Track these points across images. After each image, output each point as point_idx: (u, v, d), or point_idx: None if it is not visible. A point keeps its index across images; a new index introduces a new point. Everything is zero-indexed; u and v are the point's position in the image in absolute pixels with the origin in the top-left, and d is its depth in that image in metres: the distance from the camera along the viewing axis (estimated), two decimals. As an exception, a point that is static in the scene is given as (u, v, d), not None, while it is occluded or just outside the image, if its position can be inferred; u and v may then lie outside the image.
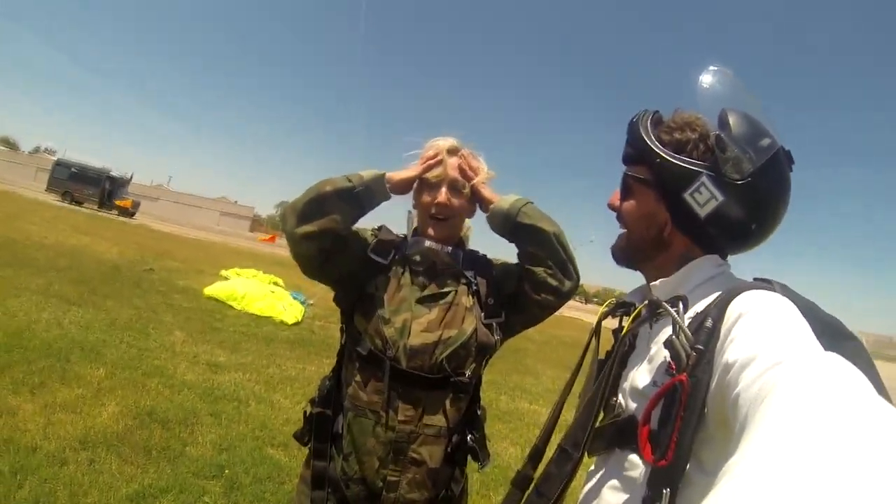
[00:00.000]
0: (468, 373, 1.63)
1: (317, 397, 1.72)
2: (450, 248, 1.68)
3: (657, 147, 1.08)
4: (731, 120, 1.03)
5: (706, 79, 1.11)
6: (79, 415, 3.87)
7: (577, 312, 41.52)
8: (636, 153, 1.13)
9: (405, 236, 1.78)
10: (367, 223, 1.70)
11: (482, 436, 1.75)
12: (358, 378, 1.61)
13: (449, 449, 1.62)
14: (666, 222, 1.09)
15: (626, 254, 1.20)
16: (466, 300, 1.66)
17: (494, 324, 1.66)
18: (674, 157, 1.05)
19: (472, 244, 1.87)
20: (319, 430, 1.67)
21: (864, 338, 0.96)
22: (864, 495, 0.35)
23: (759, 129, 1.02)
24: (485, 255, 1.81)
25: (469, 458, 1.71)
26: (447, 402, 1.60)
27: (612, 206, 1.21)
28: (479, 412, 1.75)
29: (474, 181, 1.67)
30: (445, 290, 1.65)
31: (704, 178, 1.01)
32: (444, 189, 1.63)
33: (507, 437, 5.80)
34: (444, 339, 1.58)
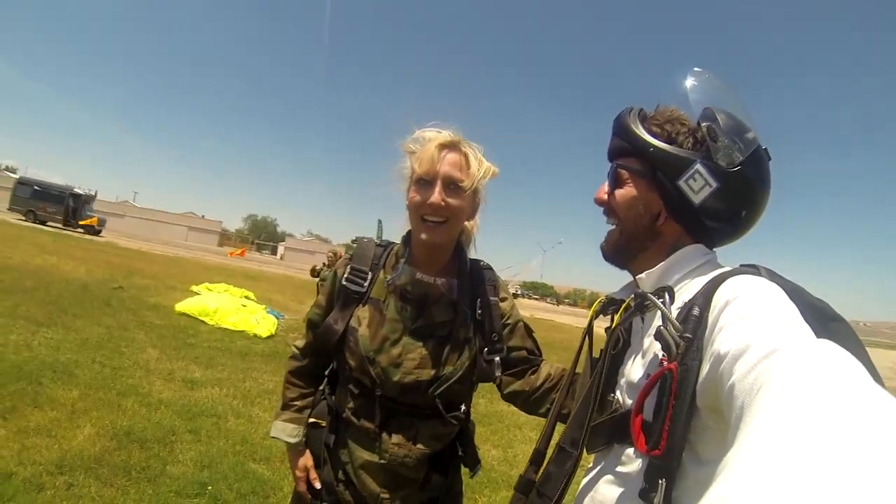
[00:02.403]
0: (463, 407, 1.59)
1: (312, 407, 1.72)
2: (443, 280, 1.54)
3: (650, 137, 1.11)
4: (719, 115, 1.07)
5: (690, 80, 1.14)
6: (54, 438, 3.78)
7: (549, 314, 41.64)
8: (627, 145, 1.15)
9: (384, 247, 1.66)
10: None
11: (472, 446, 1.73)
12: (351, 405, 1.56)
13: (442, 463, 1.62)
14: (660, 211, 1.11)
15: (618, 248, 1.19)
16: (463, 331, 1.56)
17: (497, 359, 1.57)
18: (668, 147, 1.09)
19: (475, 249, 1.70)
20: (314, 438, 1.67)
21: None
22: (865, 488, 0.35)
23: (744, 124, 1.07)
24: (490, 271, 1.69)
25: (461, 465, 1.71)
26: (441, 430, 1.56)
27: (600, 201, 1.21)
28: (469, 425, 1.71)
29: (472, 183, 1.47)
30: (440, 320, 1.54)
31: (698, 166, 1.05)
32: (437, 187, 1.42)
33: (489, 440, 5.81)
34: (440, 377, 1.51)
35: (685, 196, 1.06)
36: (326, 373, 1.78)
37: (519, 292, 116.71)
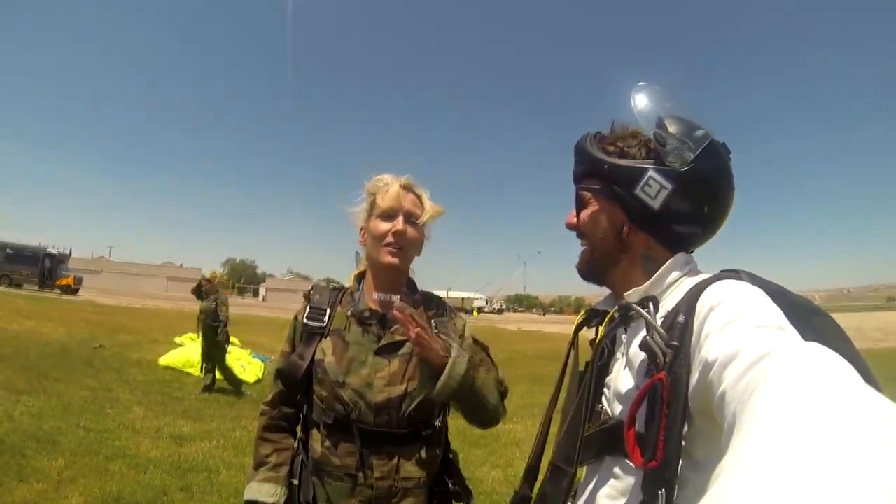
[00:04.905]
0: (437, 423, 1.64)
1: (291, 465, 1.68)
2: (399, 297, 1.66)
3: (604, 156, 1.14)
4: (666, 121, 1.11)
5: (638, 96, 1.18)
6: (41, 511, 3.67)
7: (536, 325, 41.70)
8: (586, 168, 1.19)
9: (339, 287, 1.80)
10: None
11: (461, 478, 1.73)
12: (327, 443, 1.57)
13: (434, 500, 1.63)
14: (623, 223, 1.13)
15: (591, 265, 1.22)
16: None
17: None
18: (620, 160, 1.12)
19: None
20: (290, 500, 1.63)
21: (815, 296, 1.00)
22: (859, 492, 0.34)
23: (692, 124, 1.10)
24: (439, 299, 1.80)
25: (453, 500, 1.69)
26: (421, 454, 1.58)
27: (570, 225, 1.24)
28: (451, 457, 1.74)
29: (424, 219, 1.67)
30: (402, 339, 1.60)
31: (651, 172, 1.07)
32: (400, 219, 1.61)
33: (487, 462, 5.77)
34: (410, 392, 1.56)
35: (644, 204, 1.08)
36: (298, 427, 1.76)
37: (504, 307, 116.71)
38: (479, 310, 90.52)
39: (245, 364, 10.17)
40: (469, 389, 1.52)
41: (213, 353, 8.41)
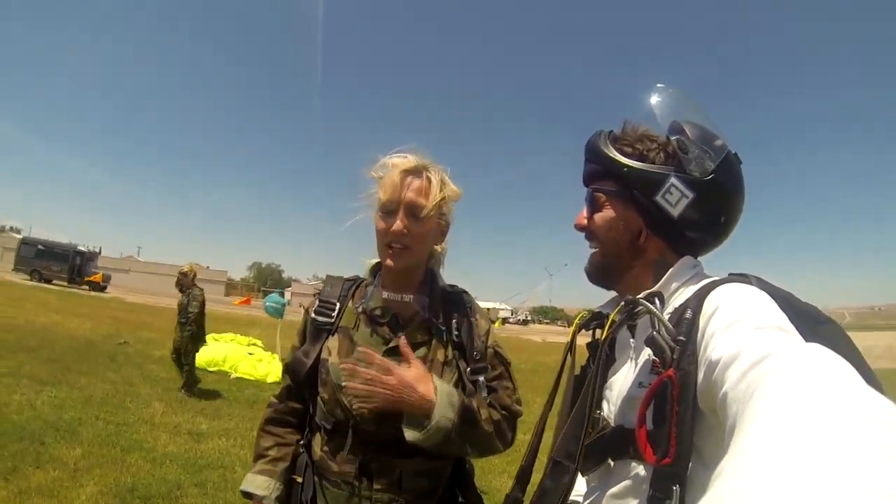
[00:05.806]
0: None
1: (292, 462, 1.58)
2: (411, 297, 1.49)
3: (623, 158, 1.11)
4: (686, 127, 1.09)
5: (655, 97, 1.17)
6: (56, 498, 3.71)
7: (561, 337, 41.40)
8: (601, 168, 1.16)
9: (353, 281, 1.63)
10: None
11: (474, 491, 1.62)
12: (326, 448, 1.46)
13: None
14: (640, 228, 1.12)
15: (600, 269, 1.20)
16: (444, 353, 1.49)
17: (482, 379, 1.49)
18: (641, 165, 1.10)
19: (444, 273, 1.65)
20: (291, 496, 1.54)
21: (845, 314, 0.96)
22: (859, 493, 0.34)
23: (711, 132, 1.10)
24: (465, 294, 1.62)
25: None
26: (428, 465, 1.45)
27: (579, 227, 1.22)
28: (466, 467, 1.62)
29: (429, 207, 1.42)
30: (414, 340, 1.46)
31: (673, 179, 1.06)
32: (400, 214, 1.39)
33: (506, 471, 5.68)
34: None
35: (664, 210, 1.07)
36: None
37: (529, 318, 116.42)
38: (504, 320, 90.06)
39: (266, 365, 10.26)
40: (458, 443, 1.38)
41: (186, 349, 7.99)
